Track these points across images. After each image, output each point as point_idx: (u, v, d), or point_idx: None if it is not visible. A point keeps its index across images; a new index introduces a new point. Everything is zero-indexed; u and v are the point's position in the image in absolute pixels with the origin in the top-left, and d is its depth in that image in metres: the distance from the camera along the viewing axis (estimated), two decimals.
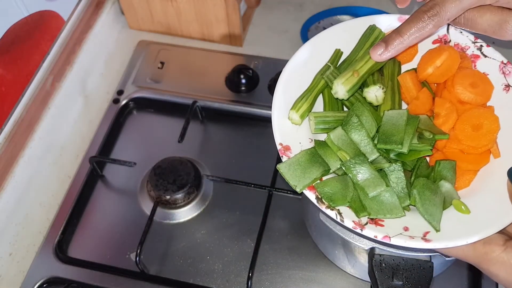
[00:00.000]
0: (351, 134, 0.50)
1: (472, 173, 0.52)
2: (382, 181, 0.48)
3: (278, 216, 0.74)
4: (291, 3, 0.99)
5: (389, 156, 0.50)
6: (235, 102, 0.84)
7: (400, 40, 0.49)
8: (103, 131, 0.82)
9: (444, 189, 0.49)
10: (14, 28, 0.73)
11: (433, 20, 0.48)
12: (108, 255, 0.71)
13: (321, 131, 0.52)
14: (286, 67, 0.56)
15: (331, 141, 0.50)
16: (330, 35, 0.58)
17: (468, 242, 0.45)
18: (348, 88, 0.52)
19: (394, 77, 0.56)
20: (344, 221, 0.47)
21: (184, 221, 0.74)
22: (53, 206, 0.76)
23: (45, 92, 0.80)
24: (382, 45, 0.50)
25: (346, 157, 0.49)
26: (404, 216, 0.48)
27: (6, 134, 0.73)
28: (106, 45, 0.94)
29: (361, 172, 0.48)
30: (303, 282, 0.68)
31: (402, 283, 0.52)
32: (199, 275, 0.69)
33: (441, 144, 0.52)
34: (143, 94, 0.86)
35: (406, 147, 0.48)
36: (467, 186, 0.51)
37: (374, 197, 0.47)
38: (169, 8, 0.89)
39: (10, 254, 0.72)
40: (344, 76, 0.52)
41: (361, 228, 0.46)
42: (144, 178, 0.78)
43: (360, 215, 0.47)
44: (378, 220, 0.47)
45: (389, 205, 0.47)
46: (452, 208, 0.48)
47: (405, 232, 0.46)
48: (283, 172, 0.49)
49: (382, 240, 0.46)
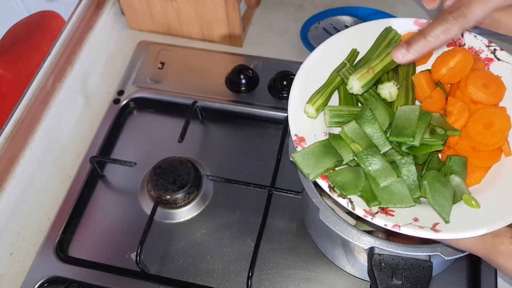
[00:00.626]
0: (364, 127, 0.51)
1: (483, 170, 0.52)
2: (393, 171, 0.48)
3: (278, 216, 0.74)
4: (291, 4, 0.99)
5: (401, 150, 0.51)
6: (235, 102, 0.84)
7: (424, 42, 0.47)
8: (104, 131, 0.82)
9: (454, 183, 0.50)
10: (14, 29, 0.73)
11: (459, 22, 0.46)
12: (108, 255, 0.71)
13: (335, 125, 0.54)
14: (303, 64, 0.58)
15: (345, 133, 0.51)
16: (347, 35, 0.60)
17: (477, 234, 0.46)
18: (363, 84, 0.53)
19: (408, 76, 0.57)
20: (355, 209, 0.47)
21: (184, 220, 0.74)
22: (53, 206, 0.76)
23: (46, 92, 0.80)
24: (404, 46, 0.48)
25: (359, 149, 0.50)
26: (414, 207, 0.48)
27: (6, 134, 0.73)
28: (106, 45, 0.94)
29: (373, 163, 0.49)
30: (303, 281, 0.68)
31: (402, 282, 0.52)
32: (199, 274, 0.70)
33: (453, 141, 0.53)
34: (144, 94, 0.86)
35: (418, 140, 0.49)
36: (478, 183, 0.52)
37: (385, 187, 0.48)
38: (169, 8, 0.90)
39: (11, 254, 0.72)
40: (360, 72, 0.53)
41: (372, 217, 0.47)
42: (144, 178, 0.78)
43: (371, 204, 0.48)
44: (388, 210, 0.48)
45: (399, 195, 0.48)
46: (462, 202, 0.49)
47: (415, 223, 0.47)
48: (297, 161, 0.50)
49: (392, 229, 0.46)
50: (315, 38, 0.91)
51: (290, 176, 0.77)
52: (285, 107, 0.82)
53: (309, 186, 0.59)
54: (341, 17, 0.94)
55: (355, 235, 0.55)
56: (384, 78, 0.55)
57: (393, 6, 0.97)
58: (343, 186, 0.48)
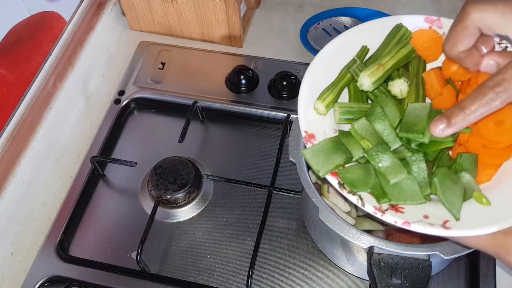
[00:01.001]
0: (374, 124, 0.51)
1: (493, 168, 0.52)
2: (403, 168, 0.48)
3: (277, 215, 0.74)
4: (291, 4, 0.99)
5: (411, 147, 0.51)
6: (235, 102, 0.84)
7: (462, 116, 0.45)
8: (104, 131, 0.83)
9: (464, 180, 0.49)
10: (16, 29, 0.73)
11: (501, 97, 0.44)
12: (109, 254, 0.72)
13: (345, 122, 0.54)
14: (313, 61, 0.57)
15: (355, 130, 0.51)
16: (356, 33, 0.59)
17: (488, 232, 0.45)
18: (374, 80, 0.53)
19: (419, 73, 0.56)
20: (365, 205, 0.47)
21: (184, 220, 0.75)
22: (54, 206, 0.76)
23: (47, 93, 0.80)
24: (443, 120, 0.46)
25: (369, 146, 0.50)
26: (424, 204, 0.48)
27: (8, 134, 0.73)
28: (107, 46, 0.94)
29: (383, 159, 0.49)
30: (302, 280, 0.69)
31: (401, 281, 0.52)
32: (199, 273, 0.70)
33: (463, 138, 0.53)
34: (144, 94, 0.87)
35: (427, 137, 0.49)
36: (488, 180, 0.52)
37: (395, 184, 0.48)
38: (169, 9, 0.90)
39: (12, 253, 0.72)
40: (370, 69, 0.53)
41: (382, 213, 0.47)
42: (145, 177, 0.78)
43: (381, 201, 0.48)
44: (398, 207, 0.48)
45: (410, 192, 0.48)
46: (472, 200, 0.49)
47: (425, 220, 0.47)
48: (307, 157, 0.50)
49: (402, 226, 0.46)
50: (315, 38, 0.91)
51: (290, 176, 0.78)
52: (285, 107, 0.83)
53: (308, 186, 0.59)
54: (340, 18, 0.94)
55: (354, 234, 0.55)
56: (394, 75, 0.55)
57: (392, 7, 0.97)
58: (353, 182, 0.48)
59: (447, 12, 0.97)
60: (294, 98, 0.84)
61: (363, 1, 0.98)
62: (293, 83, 0.84)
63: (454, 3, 0.99)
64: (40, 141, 0.78)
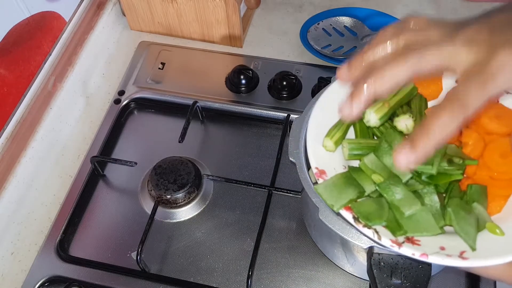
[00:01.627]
0: (383, 158, 0.52)
1: (503, 199, 0.53)
2: (417, 200, 0.49)
3: (277, 215, 0.74)
4: (291, 5, 1.00)
5: (422, 179, 0.51)
6: (235, 102, 0.84)
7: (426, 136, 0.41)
8: (104, 131, 0.83)
9: (477, 211, 0.50)
10: (15, 29, 0.73)
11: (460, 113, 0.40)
12: (109, 254, 0.72)
13: (355, 158, 0.54)
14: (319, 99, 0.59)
15: (365, 165, 0.52)
16: None
17: (505, 261, 0.46)
18: (380, 116, 0.54)
19: (421, 110, 0.58)
20: (381, 239, 0.48)
21: (184, 220, 0.75)
22: (54, 206, 0.76)
23: (47, 93, 0.80)
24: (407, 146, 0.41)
25: (380, 180, 0.50)
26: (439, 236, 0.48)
27: (8, 134, 0.73)
28: (107, 46, 0.94)
29: (396, 192, 0.49)
30: (302, 280, 0.69)
31: (401, 281, 0.52)
32: (199, 273, 0.70)
33: (471, 171, 0.53)
34: (144, 94, 0.87)
35: (435, 168, 0.49)
36: (499, 212, 0.52)
37: (410, 216, 0.48)
38: (169, 9, 0.90)
39: (12, 253, 0.72)
40: (376, 106, 0.54)
41: (399, 246, 0.47)
42: (145, 177, 0.78)
43: (397, 234, 0.48)
44: (414, 239, 0.48)
45: (425, 224, 0.48)
46: (486, 231, 0.49)
47: (442, 251, 0.47)
48: (320, 193, 0.51)
49: (420, 258, 0.46)
50: (315, 38, 0.91)
51: (290, 176, 0.78)
52: (285, 107, 0.83)
53: (308, 186, 0.59)
54: (340, 18, 0.94)
55: (354, 234, 0.55)
56: (399, 112, 0.57)
57: (392, 7, 0.98)
58: (367, 216, 0.49)
59: (447, 12, 0.97)
60: (294, 98, 0.84)
61: (363, 1, 0.98)
62: (293, 83, 0.84)
63: (454, 3, 0.99)
64: (40, 141, 0.78)
